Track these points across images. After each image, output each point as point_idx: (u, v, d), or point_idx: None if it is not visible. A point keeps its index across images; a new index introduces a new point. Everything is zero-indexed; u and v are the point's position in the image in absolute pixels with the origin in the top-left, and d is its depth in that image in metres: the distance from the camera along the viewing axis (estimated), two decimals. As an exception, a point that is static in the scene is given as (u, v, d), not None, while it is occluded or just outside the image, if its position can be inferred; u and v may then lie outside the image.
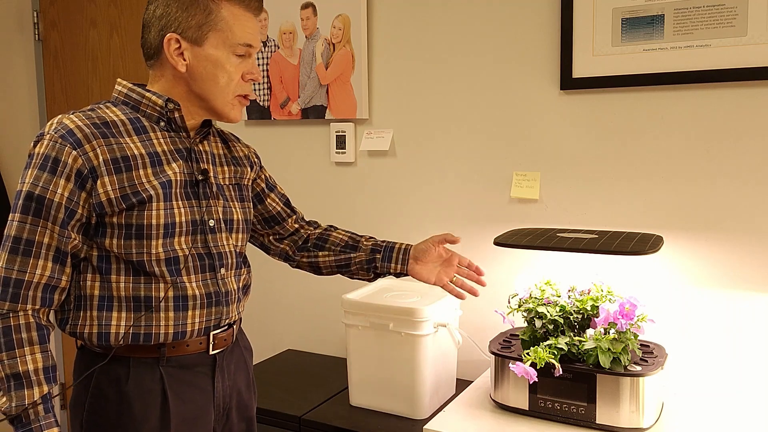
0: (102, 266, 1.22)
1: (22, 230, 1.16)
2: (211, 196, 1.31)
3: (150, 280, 1.23)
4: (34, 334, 1.17)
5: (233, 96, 1.29)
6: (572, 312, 1.56)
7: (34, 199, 1.16)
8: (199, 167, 1.30)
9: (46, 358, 1.18)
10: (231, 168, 1.39)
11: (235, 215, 1.37)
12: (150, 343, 1.24)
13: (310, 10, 2.12)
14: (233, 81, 1.27)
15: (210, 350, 1.31)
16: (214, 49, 1.24)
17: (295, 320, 2.29)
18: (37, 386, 1.16)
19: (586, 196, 1.79)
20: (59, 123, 1.20)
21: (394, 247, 1.52)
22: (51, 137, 1.18)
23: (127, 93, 1.27)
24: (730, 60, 1.58)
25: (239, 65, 1.27)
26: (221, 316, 1.32)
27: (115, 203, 1.19)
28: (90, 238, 1.22)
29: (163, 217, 1.22)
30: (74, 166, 1.17)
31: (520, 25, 1.83)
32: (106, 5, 2.60)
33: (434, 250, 1.51)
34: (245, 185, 1.43)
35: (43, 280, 1.17)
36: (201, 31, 1.23)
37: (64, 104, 2.76)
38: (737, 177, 1.62)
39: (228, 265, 1.33)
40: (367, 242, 1.54)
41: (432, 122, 1.99)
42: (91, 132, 1.18)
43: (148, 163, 1.22)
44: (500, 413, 1.55)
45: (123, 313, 1.23)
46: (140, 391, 1.24)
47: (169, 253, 1.24)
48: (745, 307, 1.63)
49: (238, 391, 1.40)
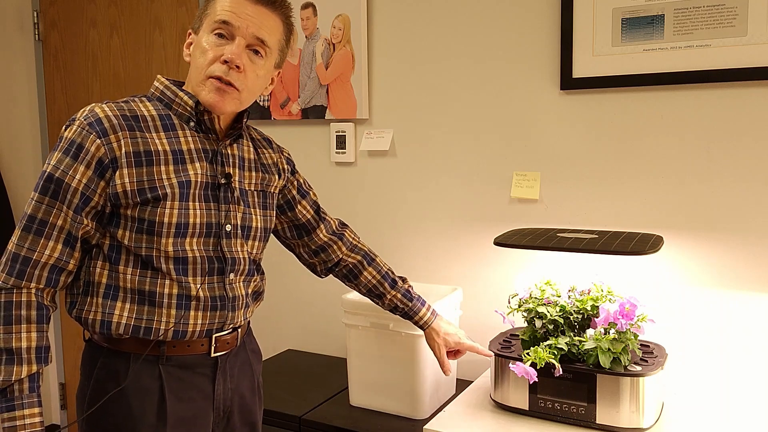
0: (112, 255, 1.23)
1: (38, 210, 1.18)
2: (231, 201, 1.31)
3: (156, 275, 1.24)
4: (33, 312, 1.18)
5: (204, 76, 1.25)
6: (572, 312, 1.56)
7: (53, 181, 1.18)
8: (224, 170, 1.29)
9: (40, 338, 1.19)
10: (258, 174, 1.38)
11: (254, 222, 1.36)
12: (149, 338, 1.24)
13: (310, 10, 2.12)
14: (206, 58, 1.24)
15: (211, 352, 1.31)
16: (203, 32, 1.27)
17: (295, 320, 2.29)
18: (27, 364, 1.16)
19: (586, 196, 1.79)
20: (90, 111, 1.22)
21: (412, 318, 1.59)
22: (80, 123, 1.20)
23: (162, 90, 1.29)
24: (730, 60, 1.58)
25: (216, 45, 1.24)
26: (225, 320, 1.31)
27: (130, 195, 1.20)
28: (104, 227, 1.23)
29: (176, 217, 1.22)
30: (96, 154, 1.18)
31: (521, 25, 1.83)
32: (106, 5, 2.60)
33: (435, 354, 1.60)
34: (271, 192, 1.42)
35: (51, 261, 1.19)
36: (200, 20, 1.28)
37: (64, 104, 2.76)
38: (737, 177, 1.62)
39: (238, 271, 1.32)
40: (393, 298, 1.57)
41: (432, 122, 1.99)
42: (118, 123, 1.20)
43: (170, 160, 1.23)
44: (500, 413, 1.55)
45: (126, 304, 1.23)
46: (139, 388, 1.25)
47: (178, 252, 1.24)
48: (745, 307, 1.63)
49: (241, 395, 1.39)
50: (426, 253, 2.03)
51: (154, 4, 2.48)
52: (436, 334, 1.58)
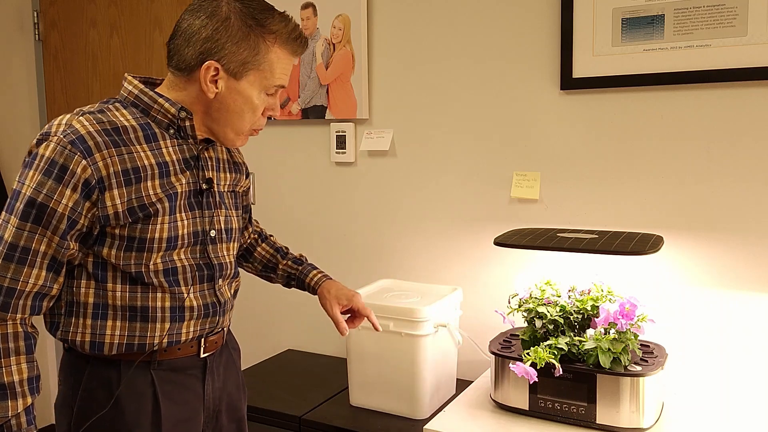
0: (98, 273, 1.19)
1: (20, 237, 1.11)
2: (214, 206, 1.29)
3: (147, 290, 1.21)
4: (21, 343, 1.14)
5: (249, 129, 1.27)
6: (572, 312, 1.56)
7: (35, 206, 1.11)
8: (204, 175, 1.28)
9: (31, 369, 1.15)
10: (232, 175, 1.37)
11: (233, 224, 1.35)
12: (144, 352, 1.22)
13: (310, 10, 2.12)
14: (256, 116, 1.25)
15: (201, 353, 1.30)
16: (250, 85, 1.21)
17: (295, 320, 2.29)
18: (22, 398, 1.13)
19: (586, 196, 1.79)
20: (68, 126, 1.14)
21: (304, 281, 1.55)
22: (59, 141, 1.12)
23: (137, 95, 1.22)
24: (730, 60, 1.58)
25: (266, 102, 1.25)
26: (216, 325, 1.31)
27: (122, 217, 1.15)
28: (88, 247, 1.19)
29: (166, 231, 1.20)
30: (83, 175, 1.11)
31: (521, 25, 1.83)
32: (106, 5, 2.60)
33: (330, 314, 1.50)
34: (239, 192, 1.41)
35: (35, 288, 1.14)
36: (244, 67, 1.19)
37: (64, 104, 2.76)
38: (737, 177, 1.62)
39: (225, 276, 1.32)
40: (284, 267, 1.56)
41: (432, 122, 1.99)
42: (102, 141, 1.13)
43: (156, 174, 1.19)
44: (500, 413, 1.55)
45: (118, 322, 1.20)
46: (132, 394, 1.22)
47: (167, 263, 1.22)
48: (745, 307, 1.63)
49: (228, 393, 1.39)
50: (426, 253, 2.03)
51: (154, 4, 2.48)
52: (327, 291, 1.50)
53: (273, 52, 1.21)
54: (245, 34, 1.18)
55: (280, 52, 1.22)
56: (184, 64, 1.22)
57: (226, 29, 1.18)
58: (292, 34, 1.23)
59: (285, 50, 1.23)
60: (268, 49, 1.20)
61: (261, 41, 1.19)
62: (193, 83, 1.22)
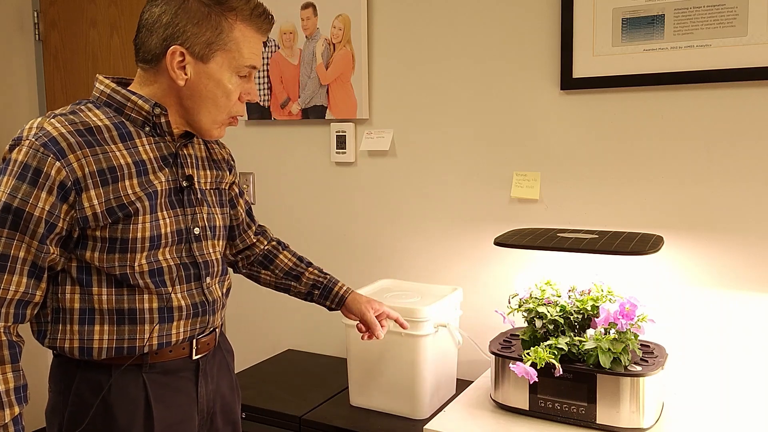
0: (82, 278, 1.17)
1: None
2: (196, 203, 1.28)
3: (134, 292, 1.19)
4: (6, 352, 1.11)
5: (227, 116, 1.25)
6: (572, 312, 1.56)
7: (11, 211, 1.09)
8: (184, 173, 1.26)
9: (17, 378, 1.12)
10: (213, 172, 1.35)
11: (217, 221, 1.34)
12: (134, 355, 1.21)
13: (311, 10, 2.12)
14: (231, 101, 1.23)
15: (193, 355, 1.29)
16: (219, 67, 1.20)
17: (295, 320, 2.29)
18: (9, 407, 1.10)
19: (586, 196, 1.79)
20: (40, 129, 1.12)
21: (332, 290, 1.55)
22: (31, 144, 1.10)
23: (110, 94, 1.21)
24: (730, 60, 1.58)
25: (239, 85, 1.24)
26: (206, 325, 1.30)
27: (101, 218, 1.14)
28: (69, 251, 1.17)
29: (148, 230, 1.18)
30: (57, 177, 1.10)
31: (521, 26, 1.83)
32: (106, 5, 2.60)
33: (365, 318, 1.54)
34: (224, 189, 1.40)
35: (17, 296, 1.11)
36: (209, 48, 1.18)
37: (64, 104, 2.72)
38: (737, 177, 1.62)
39: (214, 274, 1.31)
40: (310, 275, 1.55)
41: (432, 122, 1.99)
42: (76, 141, 1.12)
43: (134, 173, 1.17)
44: (500, 413, 1.55)
45: (106, 327, 1.19)
46: (124, 399, 1.21)
47: (152, 264, 1.20)
48: (745, 307, 1.63)
49: (222, 395, 1.38)
50: (426, 253, 2.03)
51: (154, 4, 2.48)
52: (359, 297, 1.55)
53: (237, 29, 1.20)
54: (205, 14, 1.17)
55: (244, 29, 1.21)
56: (150, 54, 1.20)
57: (185, 11, 1.17)
58: (255, 11, 1.21)
59: (249, 27, 1.22)
60: (231, 27, 1.19)
61: (222, 19, 1.18)
62: (162, 74, 1.21)
